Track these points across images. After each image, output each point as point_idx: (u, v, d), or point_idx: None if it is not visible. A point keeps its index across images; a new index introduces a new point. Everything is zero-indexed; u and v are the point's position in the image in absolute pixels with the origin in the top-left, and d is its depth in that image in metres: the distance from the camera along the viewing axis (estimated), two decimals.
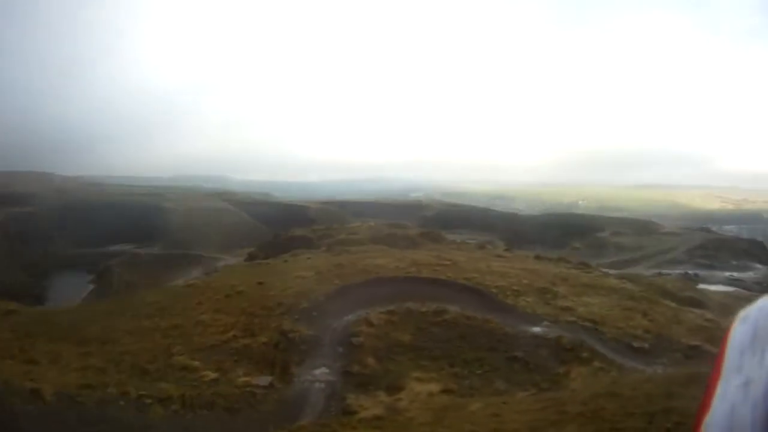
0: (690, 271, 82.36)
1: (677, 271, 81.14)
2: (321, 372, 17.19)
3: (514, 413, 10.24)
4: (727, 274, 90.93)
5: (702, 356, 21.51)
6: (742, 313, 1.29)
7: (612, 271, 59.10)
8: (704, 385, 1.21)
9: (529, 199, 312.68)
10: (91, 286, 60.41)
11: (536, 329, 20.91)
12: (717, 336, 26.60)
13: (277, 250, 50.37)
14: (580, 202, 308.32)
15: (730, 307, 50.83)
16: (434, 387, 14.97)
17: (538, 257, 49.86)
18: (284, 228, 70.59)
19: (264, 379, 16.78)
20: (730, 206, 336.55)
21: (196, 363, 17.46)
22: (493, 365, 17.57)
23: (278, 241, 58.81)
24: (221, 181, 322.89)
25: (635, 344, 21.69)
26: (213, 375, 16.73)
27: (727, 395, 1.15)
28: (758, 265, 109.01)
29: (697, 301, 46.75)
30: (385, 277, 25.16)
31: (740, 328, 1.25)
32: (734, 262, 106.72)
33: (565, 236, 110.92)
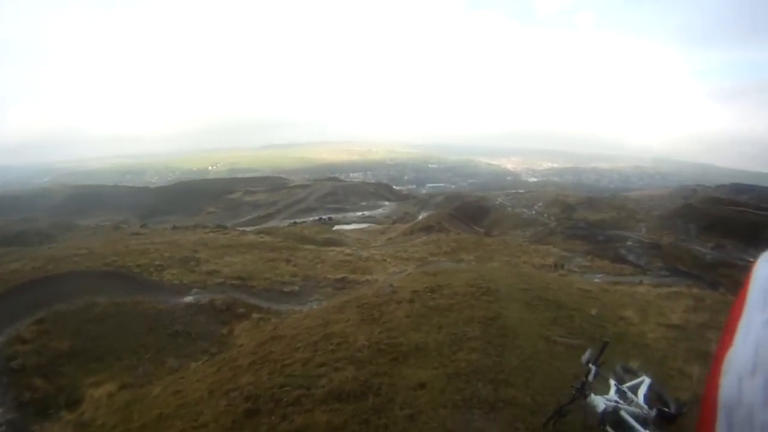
0: (324, 216, 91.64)
1: (312, 218, 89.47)
2: None
3: (193, 384, 10.03)
4: (359, 213, 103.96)
5: (349, 286, 23.86)
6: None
7: (249, 228, 61.84)
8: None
9: (159, 170, 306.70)
10: None
11: (188, 299, 20.63)
12: (358, 266, 30.09)
13: None
14: (210, 168, 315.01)
15: (365, 240, 58.30)
16: (111, 387, 13.41)
17: (175, 227, 49.23)
18: None
19: None
20: (355, 157, 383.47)
21: None
22: (159, 346, 16.70)
23: None
24: None
25: (286, 289, 23.01)
26: None
27: (751, 332, 1.15)
28: (386, 203, 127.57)
29: (335, 241, 52.30)
30: (22, 282, 21.10)
31: (765, 267, 1.22)
32: (364, 203, 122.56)
33: (200, 202, 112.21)
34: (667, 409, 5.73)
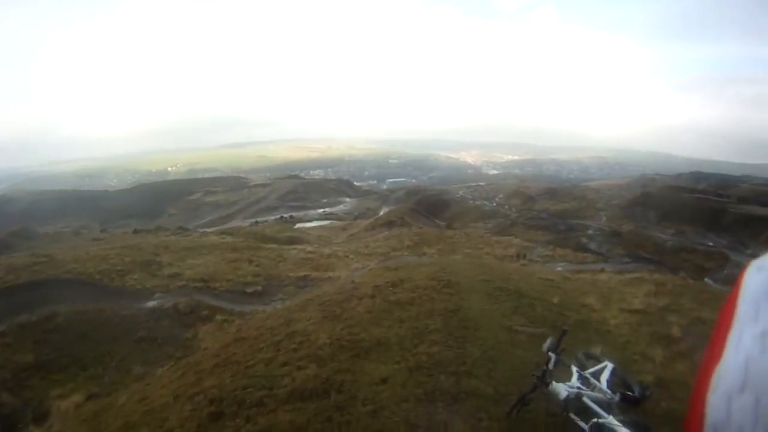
0: (285, 215, 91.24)
1: (273, 217, 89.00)
2: None
3: (159, 390, 9.93)
4: (320, 210, 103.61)
5: (311, 284, 23.88)
6: (758, 262, 1.19)
7: (211, 229, 61.20)
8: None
9: (119, 172, 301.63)
10: None
11: (151, 303, 20.38)
12: (321, 264, 30.10)
13: None
14: (169, 169, 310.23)
15: (327, 237, 58.18)
16: (78, 398, 13.18)
17: (136, 231, 48.45)
18: None
19: None
20: (315, 154, 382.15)
21: None
22: (124, 353, 16.42)
23: None
24: None
25: (249, 290, 22.93)
26: None
27: (742, 345, 1.09)
28: (347, 199, 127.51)
29: (297, 239, 52.09)
30: None
31: (756, 277, 1.16)
32: (325, 200, 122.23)
33: (160, 204, 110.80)
34: (631, 393, 5.86)
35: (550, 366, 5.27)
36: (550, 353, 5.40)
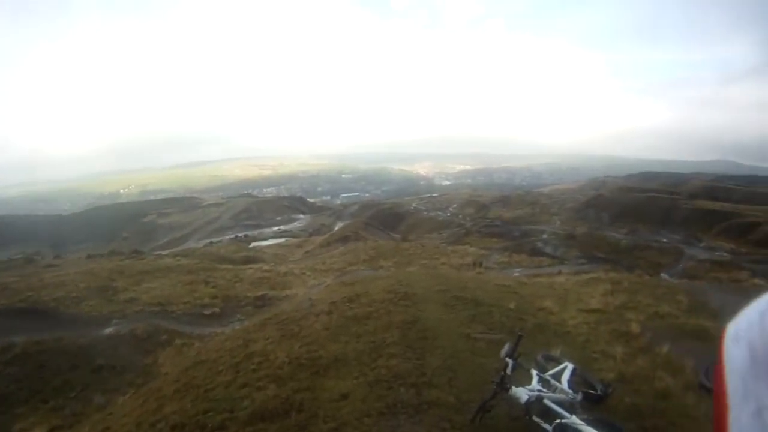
0: (240, 234, 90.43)
1: (228, 237, 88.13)
2: None
3: (121, 419, 9.74)
4: (275, 228, 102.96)
5: (269, 303, 23.79)
6: (732, 330, 1.16)
7: (166, 252, 60.15)
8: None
9: (72, 196, 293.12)
10: None
11: (109, 330, 19.92)
12: (278, 282, 29.95)
13: None
14: (121, 191, 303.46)
15: (283, 255, 57.78)
16: (41, 431, 12.69)
17: (90, 256, 47.18)
18: None
19: None
20: (267, 172, 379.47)
21: None
22: (84, 382, 15.97)
23: None
24: None
25: (207, 312, 22.71)
26: None
27: (743, 426, 1.05)
28: (301, 216, 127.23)
29: (253, 258, 51.63)
30: None
31: (735, 351, 1.13)
32: (279, 218, 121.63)
33: (114, 228, 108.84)
34: (593, 391, 6.06)
35: (508, 371, 5.32)
36: (507, 359, 5.45)
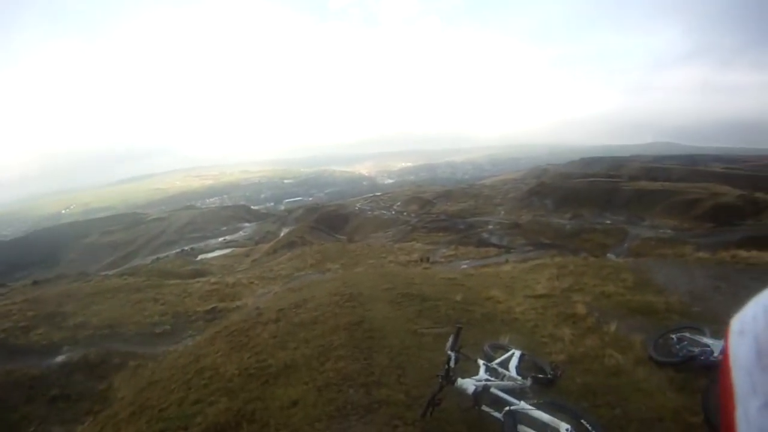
0: (185, 247, 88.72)
1: (174, 251, 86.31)
2: None
3: None
4: (221, 239, 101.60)
5: (220, 315, 23.69)
6: (736, 324, 1.16)
7: (112, 272, 58.58)
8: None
9: (11, 220, 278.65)
10: None
11: (60, 358, 19.40)
12: (227, 294, 29.77)
13: None
14: (63, 211, 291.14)
15: (230, 266, 57.13)
16: None
17: (36, 282, 45.59)
18: None
19: None
20: (209, 182, 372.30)
21: None
22: (41, 415, 15.56)
23: None
24: None
25: (158, 330, 22.48)
26: None
27: (751, 420, 1.05)
28: (246, 224, 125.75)
29: (200, 271, 50.96)
30: None
31: (740, 344, 1.13)
32: (224, 228, 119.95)
33: (58, 251, 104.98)
34: (542, 375, 6.18)
35: (452, 364, 5.33)
36: (449, 352, 5.45)
